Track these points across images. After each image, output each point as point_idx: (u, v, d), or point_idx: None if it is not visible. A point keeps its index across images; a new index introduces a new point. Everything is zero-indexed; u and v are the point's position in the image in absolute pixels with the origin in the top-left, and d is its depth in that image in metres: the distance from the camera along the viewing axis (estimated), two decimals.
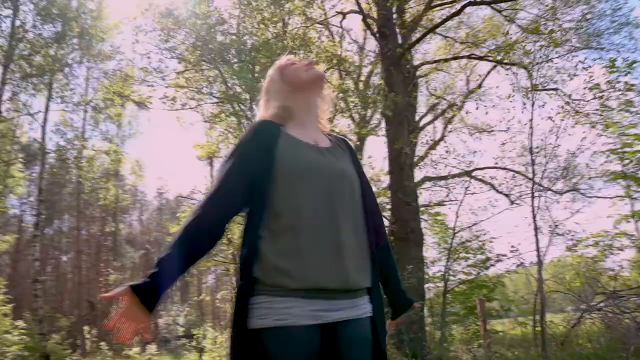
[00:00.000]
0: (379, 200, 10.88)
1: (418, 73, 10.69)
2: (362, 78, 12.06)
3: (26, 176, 17.04)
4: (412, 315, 6.27)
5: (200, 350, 13.04)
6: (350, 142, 1.58)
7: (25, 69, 11.11)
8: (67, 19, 11.66)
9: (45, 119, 13.27)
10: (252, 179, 1.30)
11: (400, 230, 6.93)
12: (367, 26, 8.11)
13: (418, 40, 7.52)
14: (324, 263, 1.22)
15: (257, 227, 1.27)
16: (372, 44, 11.87)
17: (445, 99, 11.32)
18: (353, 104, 9.12)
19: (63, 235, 23.55)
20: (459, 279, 8.54)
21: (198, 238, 1.27)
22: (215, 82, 9.12)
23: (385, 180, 10.20)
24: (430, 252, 10.10)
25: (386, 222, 9.04)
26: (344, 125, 12.67)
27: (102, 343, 15.36)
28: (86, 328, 16.98)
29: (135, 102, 11.57)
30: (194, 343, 14.06)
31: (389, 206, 7.48)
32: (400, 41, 7.98)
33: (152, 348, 19.99)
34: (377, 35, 7.83)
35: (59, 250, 23.73)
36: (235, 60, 8.31)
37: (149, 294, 1.18)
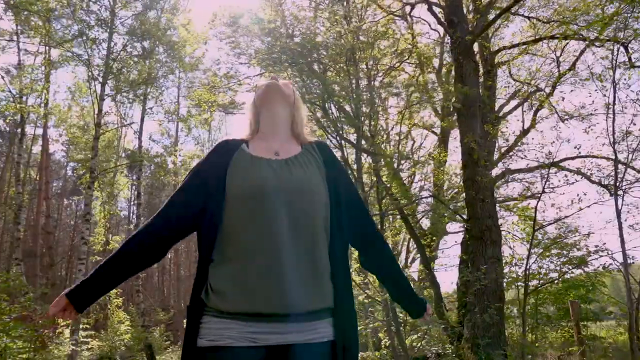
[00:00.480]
0: (462, 195, 10.43)
1: (497, 59, 10.04)
2: (443, 69, 11.60)
3: (130, 181, 18.79)
4: (487, 318, 5.90)
5: None
6: (328, 148, 1.50)
7: (121, 84, 12.21)
8: (156, 36, 12.61)
9: (141, 129, 14.51)
10: (201, 201, 1.33)
11: (475, 229, 6.54)
12: (434, 15, 7.76)
13: (488, 26, 7.02)
14: (259, 287, 1.21)
15: (210, 250, 1.29)
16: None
17: (529, 85, 10.47)
18: (418, 98, 8.80)
19: None
20: (550, 278, 7.89)
21: (136, 255, 1.35)
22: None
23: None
24: (519, 249, 9.45)
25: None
26: (422, 118, 12.36)
27: None
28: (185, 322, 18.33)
29: (220, 107, 12.19)
30: None
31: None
32: (472, 28, 7.53)
33: None
34: (445, 23, 7.46)
35: None
36: (304, 60, 8.43)
37: (77, 298, 1.32)
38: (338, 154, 10.22)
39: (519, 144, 10.49)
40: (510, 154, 10.03)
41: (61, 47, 12.09)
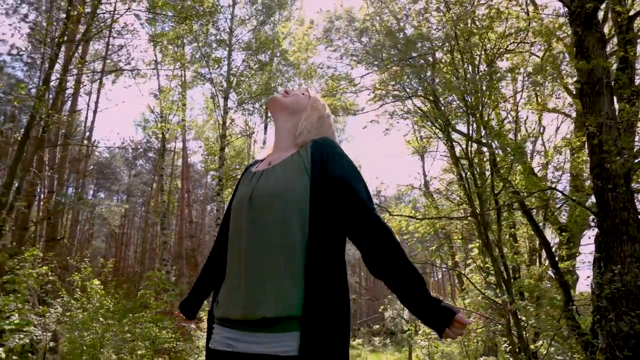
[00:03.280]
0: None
1: (638, 25, 8.63)
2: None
3: None
4: (624, 326, 5.09)
5: (410, 347, 13.16)
6: (320, 143, 1.38)
7: (242, 97, 13.19)
8: (270, 48, 13.36)
9: (265, 138, 15.48)
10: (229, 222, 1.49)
11: (607, 223, 5.71)
12: None
13: None
14: (230, 294, 1.31)
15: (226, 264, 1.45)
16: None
17: None
18: (550, 79, 7.94)
19: None
20: None
21: (210, 273, 1.61)
22: (398, 81, 9.16)
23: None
24: None
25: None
26: (543, 100, 11.19)
27: None
28: None
29: (342, 109, 12.45)
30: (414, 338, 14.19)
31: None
32: None
33: (376, 340, 21.04)
34: None
35: None
36: (417, 53, 8.20)
37: (185, 309, 1.67)
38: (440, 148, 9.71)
39: None
40: None
41: (192, 69, 13.49)
